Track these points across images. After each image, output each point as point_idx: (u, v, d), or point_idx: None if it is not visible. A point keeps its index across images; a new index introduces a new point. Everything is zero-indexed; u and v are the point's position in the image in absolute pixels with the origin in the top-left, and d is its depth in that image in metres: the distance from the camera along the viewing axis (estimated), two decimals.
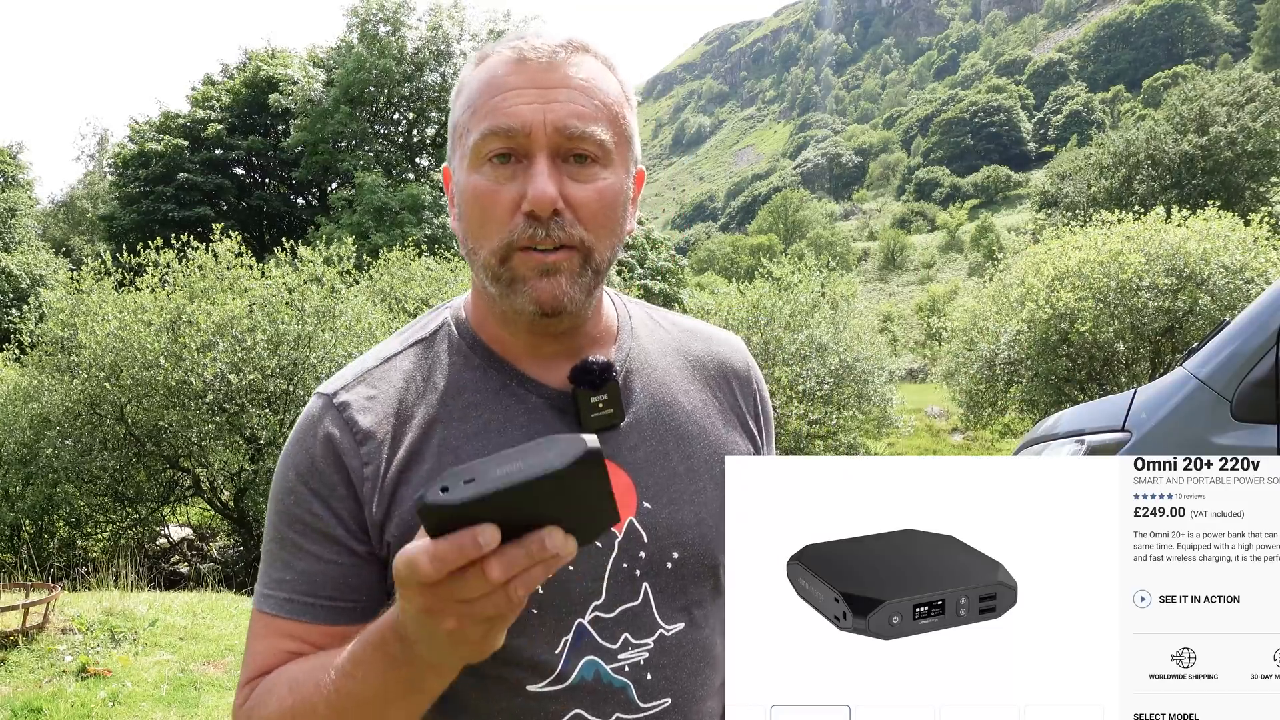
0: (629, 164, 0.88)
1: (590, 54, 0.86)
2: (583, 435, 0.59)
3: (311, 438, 0.87)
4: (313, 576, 0.84)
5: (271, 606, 0.85)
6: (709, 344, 1.00)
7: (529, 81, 0.81)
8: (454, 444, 0.86)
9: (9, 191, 30.55)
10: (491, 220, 0.82)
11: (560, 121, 0.80)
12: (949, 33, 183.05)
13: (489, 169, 0.82)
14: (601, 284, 0.88)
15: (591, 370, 0.87)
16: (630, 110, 0.88)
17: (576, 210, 0.81)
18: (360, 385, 0.89)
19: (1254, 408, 2.41)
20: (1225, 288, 10.32)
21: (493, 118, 0.81)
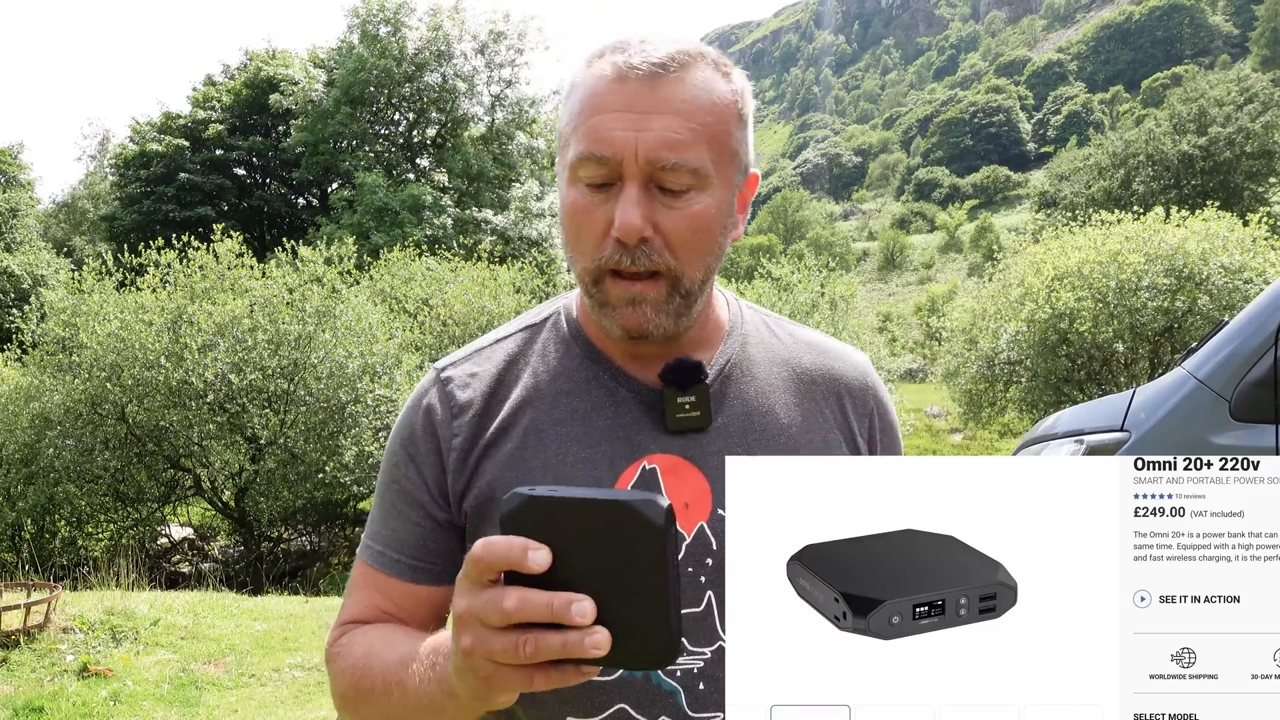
0: (732, 178, 0.86)
1: (700, 63, 0.83)
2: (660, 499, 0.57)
3: (415, 408, 0.93)
4: (400, 535, 0.91)
5: (367, 557, 0.93)
6: (824, 357, 0.98)
7: (626, 103, 0.80)
8: (540, 427, 0.89)
9: (10, 192, 30.55)
10: (585, 240, 0.84)
11: (651, 153, 0.79)
12: (948, 33, 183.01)
13: (584, 187, 0.83)
14: (694, 306, 0.87)
15: (681, 370, 0.88)
16: (740, 123, 0.86)
17: (666, 237, 0.82)
18: (467, 362, 0.94)
19: (1253, 408, 2.41)
20: (1224, 288, 10.32)
21: (587, 141, 0.81)
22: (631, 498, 0.56)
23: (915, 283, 59.87)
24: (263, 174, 33.17)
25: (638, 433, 0.88)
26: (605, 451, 0.88)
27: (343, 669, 0.86)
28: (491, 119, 27.92)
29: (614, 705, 0.84)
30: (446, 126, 28.21)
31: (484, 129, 27.87)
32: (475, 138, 27.41)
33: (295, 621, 5.96)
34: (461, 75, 27.41)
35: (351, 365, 10.33)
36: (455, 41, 27.37)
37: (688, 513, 0.87)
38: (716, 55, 0.86)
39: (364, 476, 9.69)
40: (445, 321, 12.49)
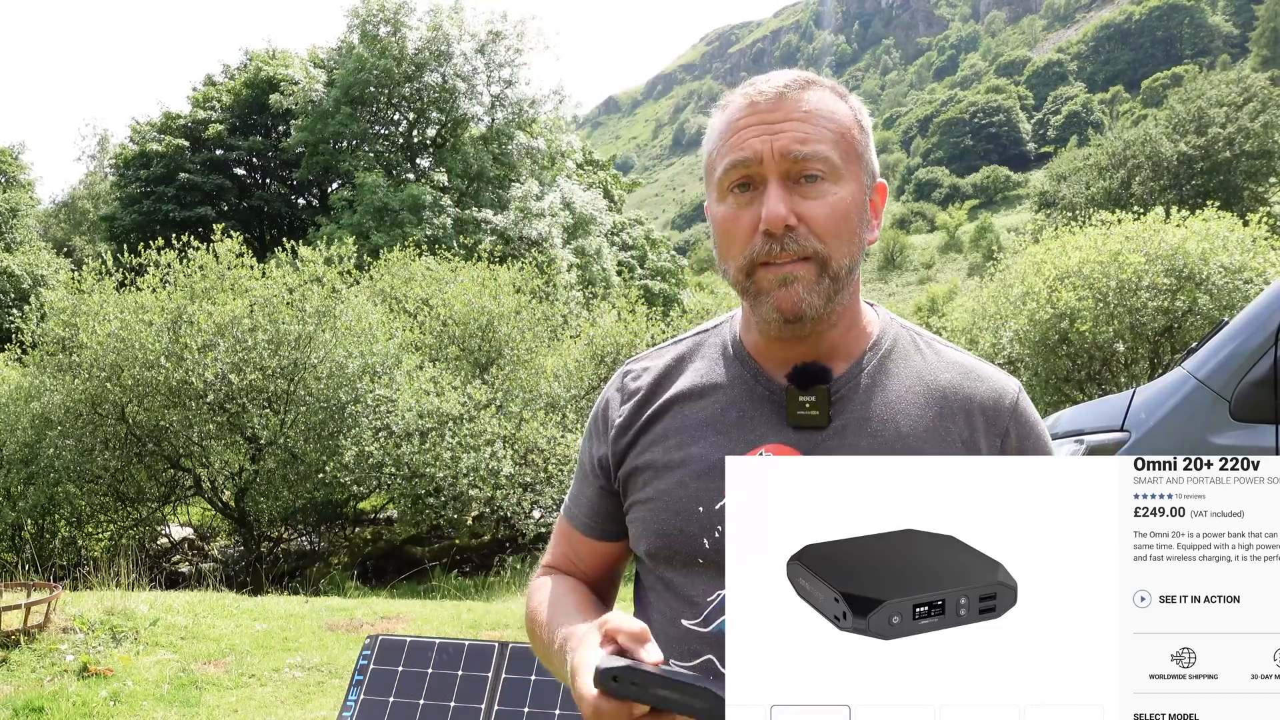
0: (862, 178, 0.98)
1: (816, 86, 0.96)
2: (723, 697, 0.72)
3: (603, 394, 1.12)
4: (579, 497, 1.12)
5: (564, 512, 1.16)
6: (964, 377, 1.01)
7: (758, 119, 0.93)
8: (686, 413, 1.02)
9: (10, 192, 30.53)
10: (735, 242, 0.95)
11: (785, 148, 0.91)
12: (948, 33, 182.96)
13: (731, 198, 0.95)
14: (842, 290, 0.97)
15: (807, 372, 0.98)
16: (861, 131, 0.98)
17: (810, 224, 0.92)
18: (646, 359, 1.11)
19: (1252, 408, 2.41)
20: (1224, 288, 10.31)
21: (730, 153, 0.94)
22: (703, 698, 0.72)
23: (915, 283, 59.85)
24: (263, 174, 33.14)
25: (761, 424, 0.99)
26: (731, 437, 0.99)
27: (529, 611, 1.10)
28: (491, 119, 27.91)
29: (704, 656, 0.95)
30: (446, 126, 28.20)
31: (484, 129, 27.86)
32: (475, 138, 27.40)
33: (295, 621, 5.96)
34: (461, 75, 27.40)
35: (351, 365, 10.33)
36: (455, 41, 27.35)
37: None
38: (834, 84, 1.00)
39: (364, 476, 9.69)
40: (445, 321, 12.49)
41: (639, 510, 1.02)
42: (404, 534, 12.80)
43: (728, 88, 1.01)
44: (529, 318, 12.55)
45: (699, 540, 0.95)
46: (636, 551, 1.06)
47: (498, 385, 11.24)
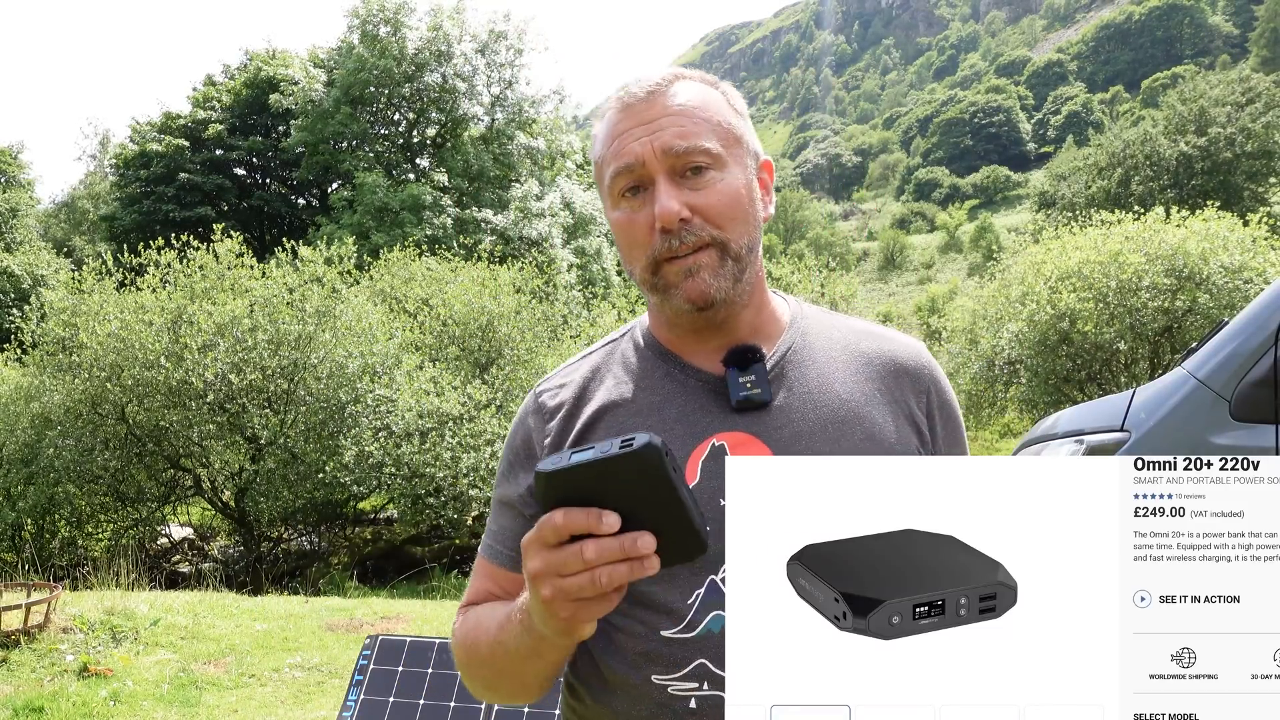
0: (746, 160, 0.98)
1: (685, 80, 0.97)
2: (650, 433, 0.70)
3: (516, 422, 1.08)
4: (504, 531, 1.05)
5: (482, 550, 1.08)
6: (881, 342, 1.06)
7: (635, 121, 0.94)
8: (621, 419, 1.00)
9: (10, 192, 30.53)
10: (635, 244, 0.96)
11: (666, 145, 0.92)
12: (948, 33, 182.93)
13: (625, 203, 0.96)
14: (746, 272, 0.97)
15: (741, 353, 0.98)
16: (737, 115, 0.99)
17: (703, 213, 0.93)
18: (558, 376, 1.08)
19: (1253, 408, 2.41)
20: (1224, 288, 10.31)
21: (614, 160, 0.95)
22: (629, 448, 0.69)
23: (915, 283, 59.82)
24: (263, 174, 33.14)
25: (706, 415, 0.98)
26: (678, 434, 0.97)
27: (458, 643, 1.04)
28: (491, 119, 27.91)
29: (695, 661, 0.92)
30: (446, 126, 28.20)
31: (484, 129, 27.86)
32: (475, 138, 27.40)
33: (295, 621, 5.96)
34: (461, 75, 27.40)
35: (351, 365, 10.33)
36: (455, 41, 27.35)
37: None
38: (701, 74, 1.00)
39: (364, 476, 9.69)
40: (445, 321, 12.49)
41: None
42: (404, 534, 12.81)
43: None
44: (529, 318, 12.56)
45: None
46: None
47: (498, 385, 11.24)
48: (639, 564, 0.71)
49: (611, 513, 0.70)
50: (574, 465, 0.70)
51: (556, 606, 0.74)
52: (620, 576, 0.71)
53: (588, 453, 0.70)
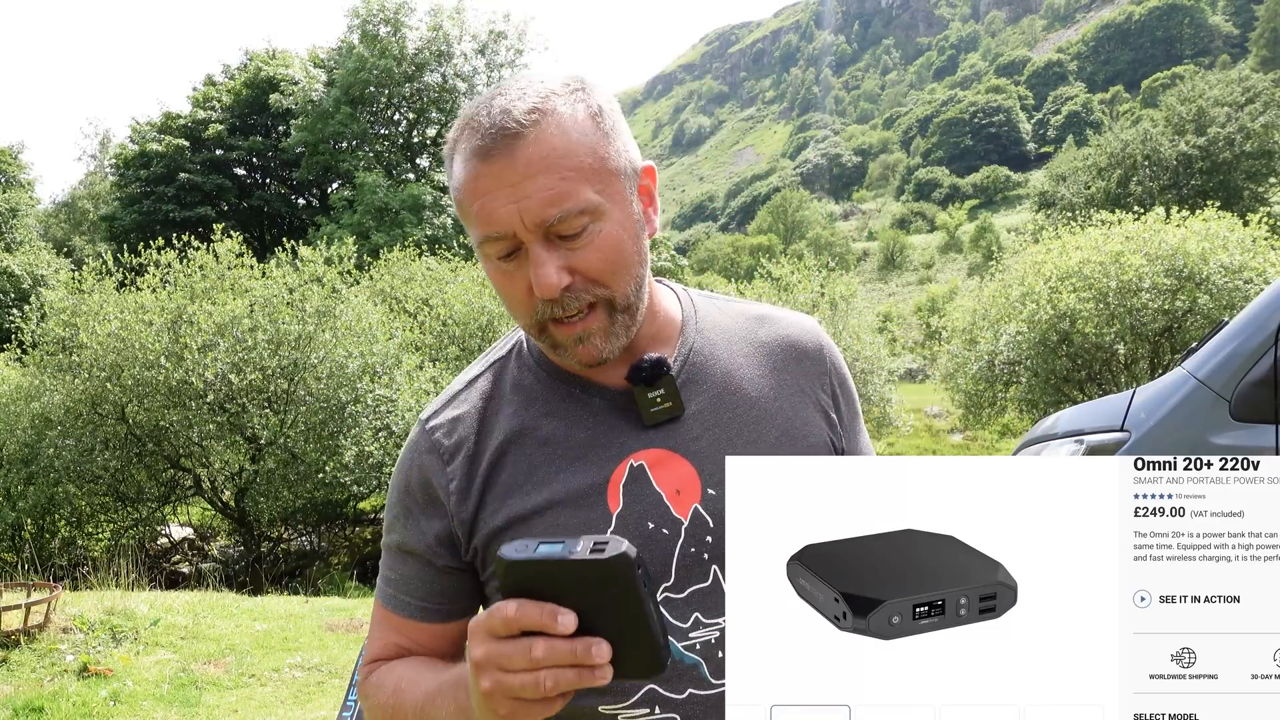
0: (625, 189, 0.88)
1: (548, 111, 0.84)
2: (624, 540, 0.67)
3: (408, 462, 0.98)
4: (409, 580, 0.97)
5: (382, 599, 1.00)
6: (776, 327, 1.02)
7: (496, 180, 0.83)
8: (528, 451, 0.93)
9: (10, 192, 30.55)
10: (514, 305, 0.89)
11: (536, 217, 0.82)
12: (948, 33, 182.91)
13: (497, 261, 0.87)
14: (638, 315, 0.91)
15: (645, 368, 0.92)
16: (607, 138, 0.87)
17: (584, 274, 0.85)
18: (447, 409, 0.98)
19: (1253, 408, 2.41)
20: (1224, 288, 10.31)
21: (480, 225, 0.85)
22: (602, 555, 0.66)
23: (915, 283, 59.83)
24: (263, 174, 33.16)
25: (619, 435, 0.93)
26: (592, 459, 0.92)
27: (376, 705, 0.95)
28: None
29: (644, 687, 0.89)
30: (446, 126, 28.18)
31: None
32: None
33: (295, 621, 5.96)
34: (462, 75, 27.41)
35: (351, 365, 10.33)
36: (455, 41, 27.37)
37: (680, 498, 0.91)
38: (564, 81, 0.88)
39: (364, 476, 9.69)
40: (445, 321, 12.50)
41: None
42: None
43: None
44: None
45: None
46: None
47: None
48: (589, 672, 0.67)
49: (569, 612, 0.66)
50: (539, 559, 0.66)
51: (495, 702, 0.70)
52: (567, 682, 0.67)
53: (555, 548, 0.67)
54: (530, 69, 22.23)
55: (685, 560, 0.89)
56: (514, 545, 0.68)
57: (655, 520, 0.90)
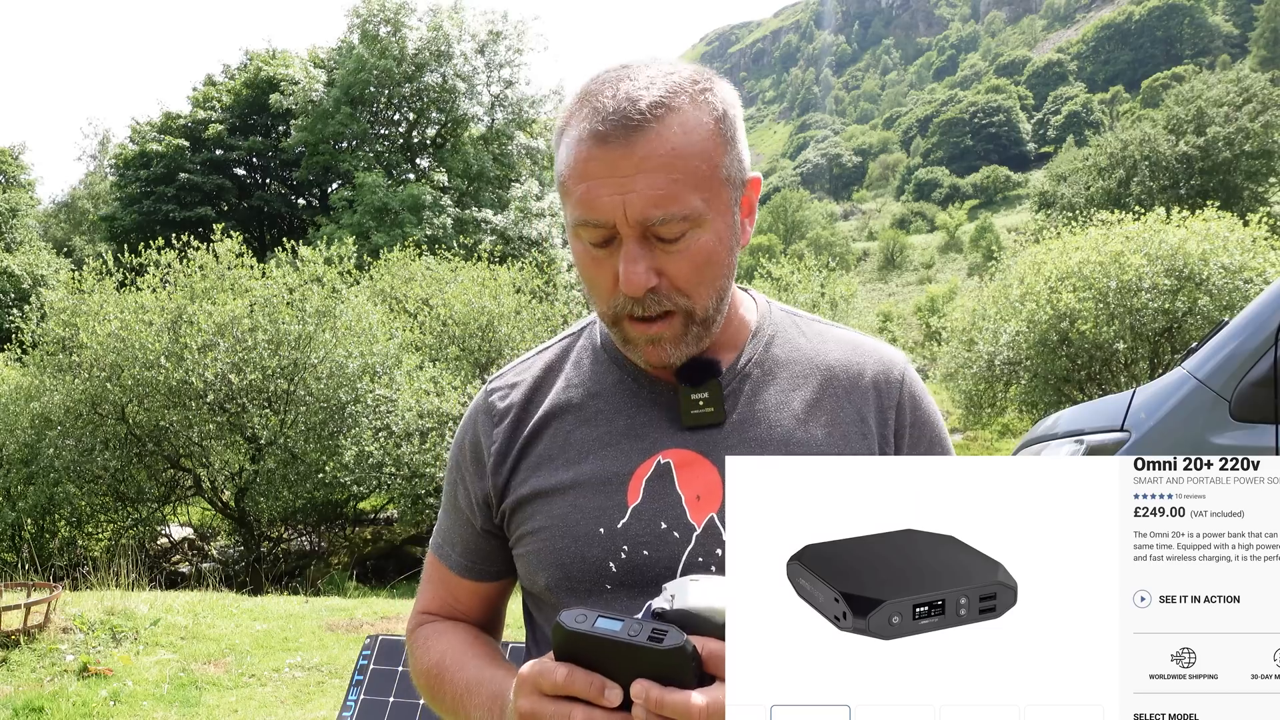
0: (729, 200, 0.87)
1: (677, 100, 0.83)
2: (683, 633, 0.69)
3: (468, 420, 1.02)
4: (453, 533, 1.03)
5: (433, 549, 1.05)
6: (850, 354, 0.99)
7: (608, 168, 0.82)
8: (568, 429, 0.95)
9: (10, 192, 30.55)
10: (596, 291, 0.89)
11: (640, 214, 0.82)
12: (948, 33, 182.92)
13: (589, 244, 0.87)
14: (713, 327, 0.91)
15: (695, 368, 0.92)
16: (726, 144, 0.86)
17: (672, 280, 0.85)
18: (510, 373, 1.02)
19: (1252, 408, 2.41)
20: (1224, 288, 10.32)
21: (580, 209, 0.84)
22: (660, 645, 0.68)
23: (915, 283, 59.83)
24: (263, 174, 33.16)
25: (654, 429, 0.93)
26: (623, 449, 0.92)
27: (419, 668, 1.00)
28: (491, 119, 27.94)
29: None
30: (446, 126, 28.22)
31: (484, 129, 27.87)
32: (475, 138, 27.42)
33: (295, 621, 5.96)
34: (461, 75, 27.41)
35: (351, 365, 10.33)
36: (455, 41, 27.36)
37: (699, 504, 0.90)
38: (693, 77, 0.86)
39: (364, 476, 9.69)
40: (445, 321, 12.50)
41: (531, 543, 0.93)
42: (404, 534, 12.81)
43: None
44: (529, 318, 12.56)
45: (604, 564, 0.89)
46: (532, 588, 0.96)
47: None
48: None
49: (616, 687, 0.69)
50: (596, 635, 0.69)
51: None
52: None
53: (614, 625, 0.69)
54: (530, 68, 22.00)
55: (691, 568, 0.88)
56: (573, 614, 0.71)
57: (669, 521, 0.89)
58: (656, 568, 0.88)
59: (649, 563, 0.88)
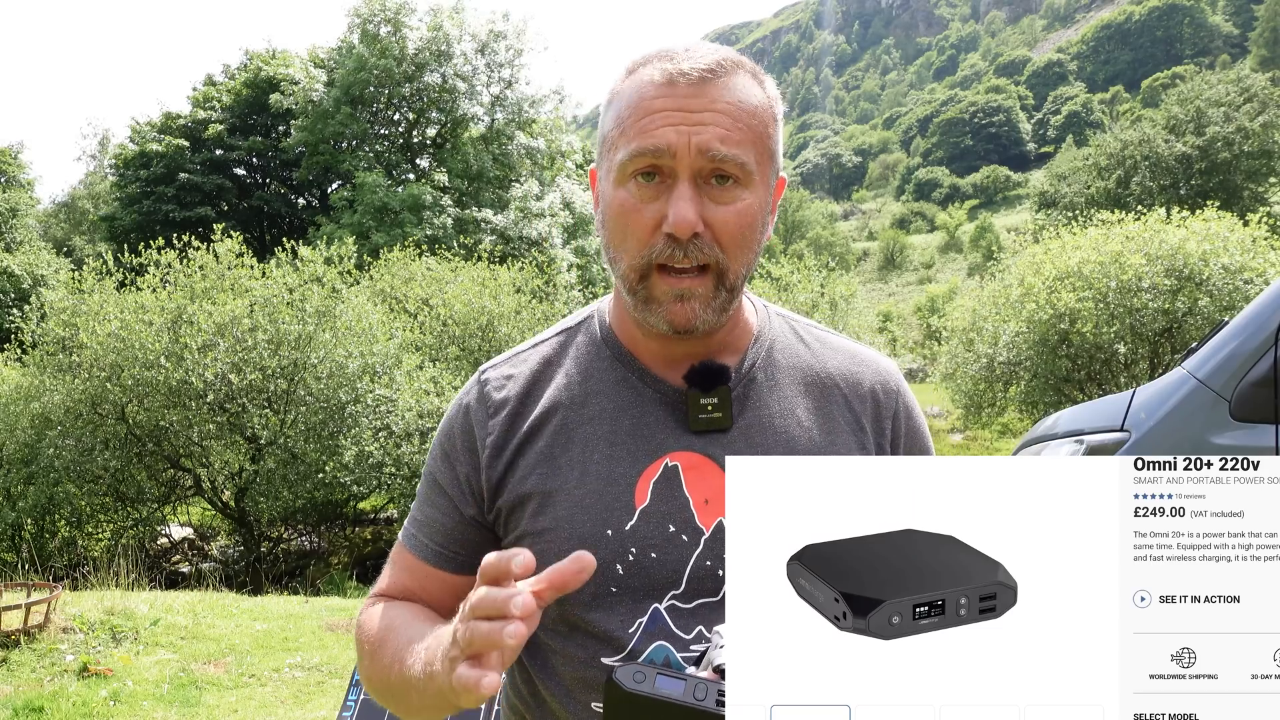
0: (770, 179, 0.90)
1: (742, 71, 0.87)
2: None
3: (457, 406, 0.99)
4: (431, 523, 0.98)
5: (403, 538, 1.02)
6: (848, 363, 1.00)
7: (676, 105, 0.84)
8: (569, 425, 0.93)
9: (10, 192, 30.54)
10: (633, 236, 0.86)
11: (705, 145, 0.83)
12: (948, 33, 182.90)
13: (634, 186, 0.86)
14: (735, 300, 0.91)
15: (706, 373, 0.92)
16: (776, 125, 0.90)
17: (716, 231, 0.85)
18: (506, 364, 1.00)
19: (1252, 407, 2.41)
20: (1224, 288, 10.32)
21: (641, 139, 0.84)
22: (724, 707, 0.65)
23: (915, 283, 59.84)
24: (263, 174, 33.15)
25: (661, 431, 0.92)
26: (630, 449, 0.91)
27: (363, 636, 0.97)
28: (491, 119, 27.93)
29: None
30: (446, 126, 28.22)
31: (484, 129, 27.87)
32: (475, 138, 27.42)
33: (295, 621, 5.96)
34: (461, 75, 27.40)
35: (351, 365, 10.33)
36: (455, 41, 27.36)
37: (708, 508, 0.90)
38: (752, 65, 0.90)
39: (364, 476, 9.69)
40: (445, 321, 12.49)
41: (533, 543, 0.90)
42: None
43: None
44: (529, 318, 12.56)
45: (611, 567, 0.87)
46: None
47: None
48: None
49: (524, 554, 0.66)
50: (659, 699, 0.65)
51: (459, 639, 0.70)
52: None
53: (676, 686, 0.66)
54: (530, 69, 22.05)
55: (699, 571, 0.88)
56: (629, 671, 0.68)
57: (677, 525, 0.89)
58: (664, 570, 0.88)
59: (656, 565, 0.88)
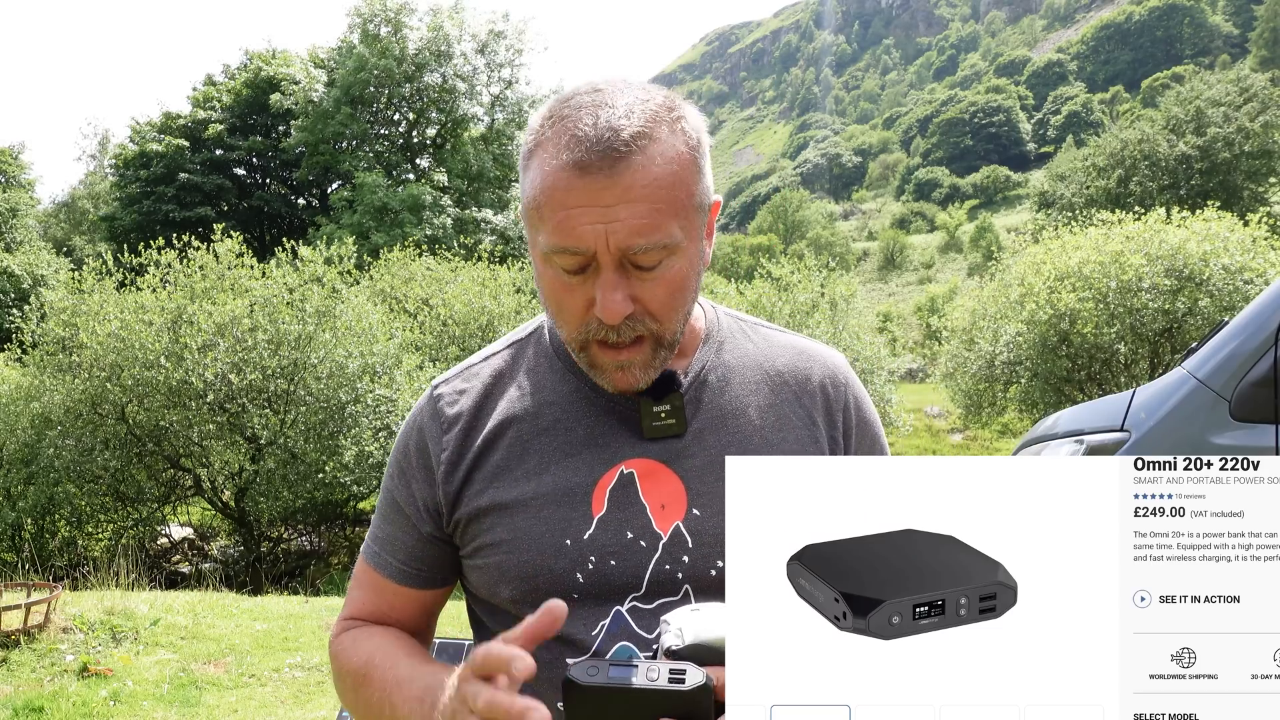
0: (699, 226, 0.88)
1: (659, 128, 0.83)
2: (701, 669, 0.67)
3: (411, 424, 0.99)
4: (394, 540, 0.99)
5: (367, 556, 1.02)
6: (797, 359, 1.01)
7: (590, 199, 0.80)
8: (524, 438, 0.94)
9: (10, 192, 30.55)
10: (567, 315, 0.87)
11: (623, 243, 0.81)
12: (948, 33, 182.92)
13: (559, 272, 0.85)
14: (674, 350, 0.91)
15: (657, 381, 0.92)
16: (701, 163, 0.87)
17: (646, 305, 0.85)
18: (457, 379, 1.00)
19: (1252, 408, 2.41)
20: (1224, 288, 10.32)
21: (558, 235, 0.82)
22: (679, 684, 0.66)
23: (915, 283, 59.82)
24: (263, 174, 33.16)
25: (615, 440, 0.93)
26: (585, 459, 0.92)
27: (345, 669, 0.98)
28: (491, 119, 27.95)
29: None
30: (446, 126, 28.23)
31: (484, 129, 27.88)
32: (475, 138, 27.43)
33: (295, 621, 5.96)
34: (461, 75, 27.42)
35: (351, 365, 10.33)
36: (455, 41, 27.38)
37: (664, 513, 0.91)
38: (667, 104, 0.85)
39: (364, 476, 9.69)
40: (445, 321, 12.50)
41: (491, 555, 0.91)
42: None
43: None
44: (529, 318, 12.51)
45: (572, 575, 0.89)
46: (492, 599, 0.94)
47: None
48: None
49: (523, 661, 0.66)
50: (613, 686, 0.66)
51: None
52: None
53: (628, 672, 0.66)
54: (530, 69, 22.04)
55: (659, 576, 0.89)
56: (583, 667, 0.68)
57: (635, 531, 0.89)
58: (624, 576, 0.89)
59: (616, 572, 0.89)
